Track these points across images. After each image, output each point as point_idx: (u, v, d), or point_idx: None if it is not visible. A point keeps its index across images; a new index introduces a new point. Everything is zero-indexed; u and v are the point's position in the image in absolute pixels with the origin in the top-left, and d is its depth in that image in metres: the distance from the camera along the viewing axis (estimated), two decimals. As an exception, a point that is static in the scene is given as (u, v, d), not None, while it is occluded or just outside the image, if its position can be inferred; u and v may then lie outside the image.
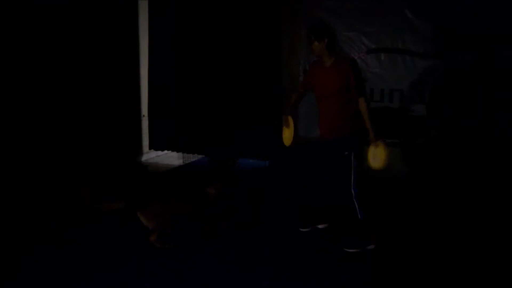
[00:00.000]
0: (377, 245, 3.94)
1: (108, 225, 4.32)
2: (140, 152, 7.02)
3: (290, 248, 3.97)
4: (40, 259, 3.70)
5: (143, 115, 7.02)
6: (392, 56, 6.20)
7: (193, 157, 7.14)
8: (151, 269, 3.52)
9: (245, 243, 4.04)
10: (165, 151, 7.17)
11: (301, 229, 4.34)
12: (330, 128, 4.01)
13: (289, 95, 4.52)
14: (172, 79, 6.72)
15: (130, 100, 6.68)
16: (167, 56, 6.71)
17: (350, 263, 3.69)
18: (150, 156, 7.23)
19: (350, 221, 4.04)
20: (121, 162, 6.27)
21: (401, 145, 6.19)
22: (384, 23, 6.17)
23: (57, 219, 4.51)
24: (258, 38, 6.37)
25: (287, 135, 4.29)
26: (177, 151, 7.06)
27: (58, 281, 3.39)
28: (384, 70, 6.23)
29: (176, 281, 3.39)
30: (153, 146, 7.01)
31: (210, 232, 4.19)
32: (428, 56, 6.06)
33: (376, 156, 3.85)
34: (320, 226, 4.38)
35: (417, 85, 6.12)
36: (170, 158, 7.21)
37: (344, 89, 3.92)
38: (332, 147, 4.02)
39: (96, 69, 5.86)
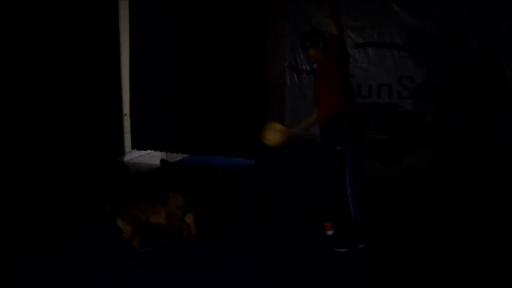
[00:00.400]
0: (377, 245, 3.85)
1: (107, 225, 4.20)
2: (122, 152, 6.87)
3: (291, 248, 3.92)
4: (39, 259, 3.71)
5: (125, 114, 6.89)
6: (380, 51, 6.10)
7: (177, 157, 7.05)
8: (151, 270, 3.50)
9: (245, 243, 4.00)
10: (148, 151, 7.05)
11: (338, 250, 3.89)
12: (320, 112, 3.94)
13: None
14: (154, 76, 6.62)
15: (111, 98, 6.54)
16: (148, 54, 6.59)
17: (351, 263, 3.65)
18: (133, 156, 7.10)
19: (345, 220, 3.88)
20: (102, 163, 6.13)
21: (390, 141, 6.14)
22: (370, 17, 6.08)
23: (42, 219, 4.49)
24: (242, 33, 6.28)
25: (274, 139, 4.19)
26: (160, 151, 6.96)
27: (57, 281, 3.38)
28: (372, 65, 6.14)
29: (176, 282, 3.36)
30: (136, 145, 6.89)
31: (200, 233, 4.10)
32: (416, 51, 5.96)
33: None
34: (329, 233, 4.06)
35: (406, 81, 6.03)
36: (153, 157, 7.10)
37: (333, 70, 3.90)
38: (324, 139, 3.93)
39: (75, 67, 5.75)
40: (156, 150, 6.91)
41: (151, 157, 7.10)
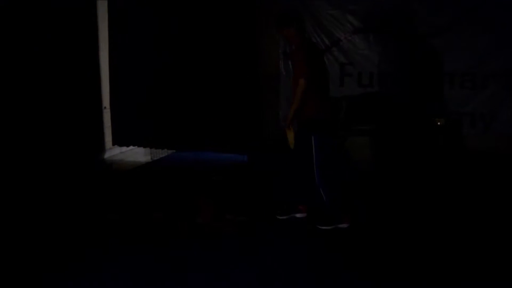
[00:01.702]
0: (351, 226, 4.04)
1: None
2: (102, 148, 6.51)
3: (289, 248, 3.79)
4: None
5: (104, 107, 6.51)
6: (382, 37, 5.82)
7: (162, 153, 6.66)
8: (150, 271, 3.34)
9: (244, 243, 3.86)
10: (131, 147, 6.70)
11: (279, 217, 4.30)
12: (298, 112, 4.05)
13: None
14: (137, 66, 6.26)
15: (89, 90, 6.16)
16: (129, 42, 6.25)
17: (351, 264, 3.50)
18: (114, 152, 6.73)
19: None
20: (80, 161, 5.76)
21: (391, 132, 5.89)
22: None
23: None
24: (232, 19, 5.99)
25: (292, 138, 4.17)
26: (144, 147, 6.60)
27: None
28: (374, 52, 5.86)
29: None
30: (117, 141, 6.52)
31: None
32: (423, 37, 5.71)
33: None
34: (298, 215, 4.32)
35: (411, 69, 5.80)
36: (136, 154, 6.73)
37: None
38: (298, 131, 4.12)
39: (48, 57, 5.42)
40: (139, 146, 6.57)
41: (134, 154, 6.75)
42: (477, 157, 5.64)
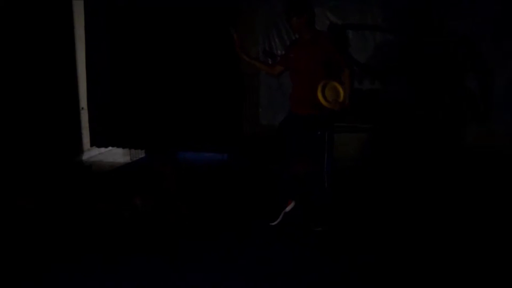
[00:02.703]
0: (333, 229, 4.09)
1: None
2: (79, 149, 6.47)
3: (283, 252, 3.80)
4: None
5: (82, 108, 6.45)
6: (361, 33, 5.78)
7: (142, 153, 6.63)
8: (148, 275, 3.37)
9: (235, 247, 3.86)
10: (109, 148, 6.64)
11: (272, 224, 4.24)
12: (303, 104, 4.02)
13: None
14: (114, 65, 6.22)
15: (66, 90, 6.11)
16: (107, 40, 6.21)
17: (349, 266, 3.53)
18: (92, 153, 6.69)
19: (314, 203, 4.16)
20: (56, 162, 5.72)
21: (373, 130, 5.91)
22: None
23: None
24: (209, 15, 5.93)
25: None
26: (123, 147, 6.56)
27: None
28: (352, 48, 5.79)
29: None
30: (95, 142, 6.49)
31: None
32: (401, 33, 5.67)
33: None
34: (287, 209, 4.31)
35: (389, 65, 5.75)
36: (115, 155, 6.68)
37: (321, 64, 3.94)
38: (305, 125, 4.05)
39: (22, 56, 5.36)
40: (118, 146, 6.51)
41: (113, 155, 6.69)
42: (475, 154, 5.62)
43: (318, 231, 4.05)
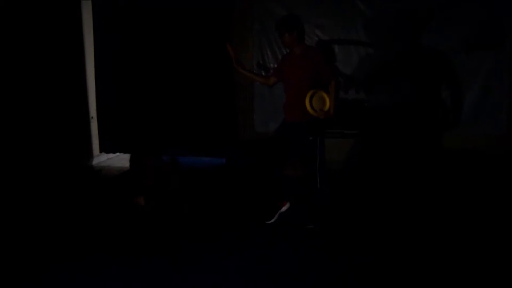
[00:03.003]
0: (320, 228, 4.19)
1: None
2: (90, 155, 6.76)
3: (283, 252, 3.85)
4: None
5: (92, 117, 6.78)
6: (346, 48, 6.15)
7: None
8: (149, 276, 3.38)
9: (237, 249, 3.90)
10: (117, 153, 6.96)
11: (268, 222, 4.37)
12: (295, 112, 4.19)
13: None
14: (121, 77, 6.54)
15: (77, 101, 6.42)
16: (114, 54, 6.52)
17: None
18: (101, 159, 6.99)
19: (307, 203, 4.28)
20: (69, 167, 6.00)
21: (358, 136, 6.23)
22: (336, 14, 6.12)
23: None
24: (208, 32, 6.28)
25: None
26: (130, 153, 6.69)
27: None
28: (339, 62, 6.17)
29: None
30: (104, 148, 6.79)
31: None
32: (381, 47, 6.06)
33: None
34: (283, 209, 4.45)
35: (372, 76, 6.12)
36: (123, 160, 6.77)
37: (311, 77, 4.13)
38: (298, 131, 4.21)
39: (38, 70, 5.59)
40: (125, 152, 6.77)
41: (120, 160, 6.92)
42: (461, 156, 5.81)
43: (310, 228, 4.17)
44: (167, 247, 3.85)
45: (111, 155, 7.03)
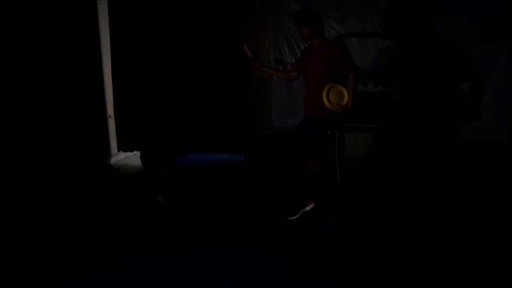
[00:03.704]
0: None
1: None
2: (108, 154, 6.78)
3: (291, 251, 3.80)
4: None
5: (109, 116, 6.80)
6: (363, 41, 6.11)
7: None
8: (146, 280, 3.31)
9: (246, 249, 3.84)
10: (135, 152, 6.92)
11: (290, 218, 4.35)
12: (315, 106, 4.16)
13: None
14: (137, 76, 6.48)
15: (94, 100, 6.45)
16: (130, 53, 6.48)
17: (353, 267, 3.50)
18: (119, 158, 7.01)
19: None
20: (87, 166, 6.01)
21: (377, 130, 6.18)
22: (352, 7, 6.09)
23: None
24: (223, 29, 6.29)
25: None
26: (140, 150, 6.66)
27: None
28: (356, 55, 6.13)
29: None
30: (122, 147, 6.79)
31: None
32: (399, 39, 6.00)
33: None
34: (307, 209, 4.42)
35: (390, 68, 6.06)
36: (139, 159, 6.69)
37: (329, 70, 4.11)
38: (316, 125, 4.19)
39: (55, 69, 5.62)
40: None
41: (138, 158, 6.48)
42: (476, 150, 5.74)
43: (333, 224, 4.17)
44: (179, 245, 3.85)
45: (128, 153, 7.04)
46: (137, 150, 6.73)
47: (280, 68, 6.21)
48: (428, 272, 3.28)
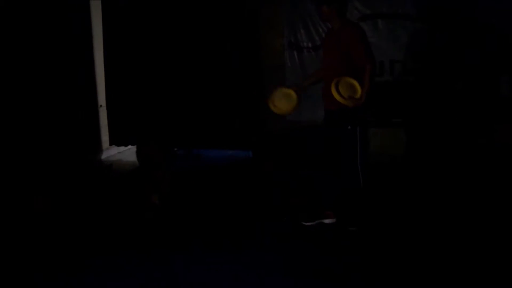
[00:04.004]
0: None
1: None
2: (98, 149, 6.42)
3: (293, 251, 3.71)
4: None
5: (100, 105, 6.40)
6: (391, 23, 5.65)
7: None
8: (145, 280, 3.30)
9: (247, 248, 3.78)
10: (129, 146, 6.56)
11: (305, 223, 4.10)
12: (332, 99, 3.81)
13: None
14: (133, 61, 6.18)
15: (83, 87, 6.05)
16: (125, 35, 6.18)
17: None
18: (111, 153, 6.65)
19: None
20: (76, 162, 5.63)
21: (404, 125, 5.76)
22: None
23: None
24: (231, 7, 5.96)
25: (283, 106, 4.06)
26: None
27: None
28: (383, 39, 5.66)
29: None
30: (114, 141, 6.44)
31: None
32: (432, 23, 5.53)
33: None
34: (326, 221, 4.11)
35: (421, 56, 5.61)
36: (135, 154, 6.28)
37: (346, 57, 3.82)
38: (335, 120, 3.95)
39: (38, 52, 5.30)
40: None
41: (133, 154, 6.29)
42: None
43: (353, 231, 3.89)
44: (179, 244, 3.83)
45: (122, 148, 6.69)
46: (132, 145, 6.42)
47: (295, 55, 5.88)
48: (428, 272, 3.26)
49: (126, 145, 6.50)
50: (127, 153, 6.64)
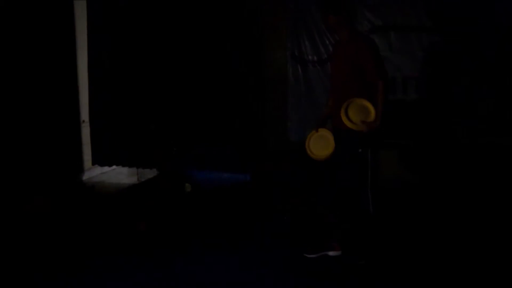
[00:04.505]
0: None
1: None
2: (80, 168, 6.08)
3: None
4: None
5: (83, 121, 6.15)
6: (405, 36, 5.41)
7: (151, 173, 6.19)
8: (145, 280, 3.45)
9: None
10: (113, 167, 6.29)
11: (307, 255, 3.94)
12: (340, 119, 3.71)
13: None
14: (120, 72, 5.92)
15: (64, 100, 5.77)
16: (111, 45, 5.93)
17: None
18: (93, 173, 6.32)
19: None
20: (54, 184, 5.35)
21: (419, 148, 5.47)
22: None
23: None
24: (232, 17, 5.83)
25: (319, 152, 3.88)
26: (129, 166, 6.17)
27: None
28: (395, 53, 5.43)
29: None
30: (97, 160, 6.12)
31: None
32: (449, 35, 5.27)
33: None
34: (331, 253, 3.95)
35: (438, 71, 5.36)
36: (120, 175, 6.33)
37: (356, 72, 3.68)
38: (344, 141, 3.77)
39: (18, 62, 5.12)
40: (123, 165, 6.11)
41: (117, 174, 6.32)
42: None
43: (361, 264, 3.70)
44: (178, 245, 3.97)
45: (106, 168, 6.40)
46: (116, 165, 6.17)
47: (299, 68, 5.67)
48: (428, 272, 3.40)
49: (110, 165, 6.19)
50: (111, 174, 6.43)
